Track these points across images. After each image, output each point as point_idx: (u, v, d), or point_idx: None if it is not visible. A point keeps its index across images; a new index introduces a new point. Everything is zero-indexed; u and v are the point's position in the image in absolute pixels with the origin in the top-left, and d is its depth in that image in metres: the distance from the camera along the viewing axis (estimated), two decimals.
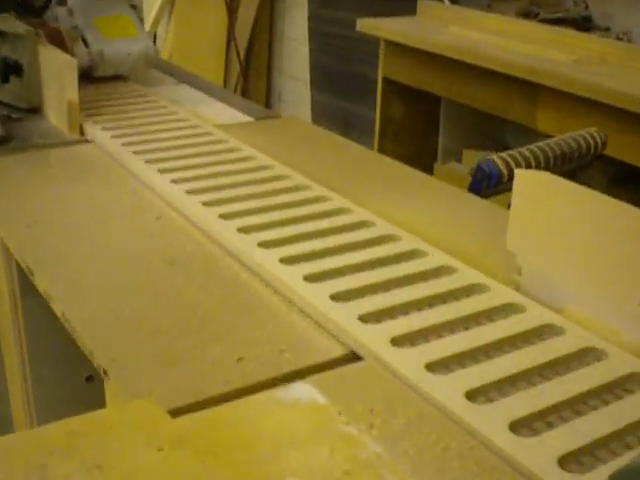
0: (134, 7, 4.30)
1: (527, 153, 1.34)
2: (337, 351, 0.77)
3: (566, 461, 0.63)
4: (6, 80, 1.49)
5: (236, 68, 3.97)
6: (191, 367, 0.74)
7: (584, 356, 0.76)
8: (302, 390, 0.68)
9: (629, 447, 0.65)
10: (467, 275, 0.88)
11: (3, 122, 1.40)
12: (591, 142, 1.48)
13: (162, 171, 1.16)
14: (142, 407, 0.66)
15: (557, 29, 2.41)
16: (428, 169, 2.82)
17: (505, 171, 1.30)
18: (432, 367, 0.72)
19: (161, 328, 0.80)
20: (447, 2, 2.87)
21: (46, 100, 1.47)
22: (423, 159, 2.85)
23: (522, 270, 0.87)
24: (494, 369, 0.72)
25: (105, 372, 0.74)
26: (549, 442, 0.64)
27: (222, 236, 0.98)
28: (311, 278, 0.87)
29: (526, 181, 0.86)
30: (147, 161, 1.20)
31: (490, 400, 0.69)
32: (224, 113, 1.54)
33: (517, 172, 0.86)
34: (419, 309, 0.83)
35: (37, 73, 1.47)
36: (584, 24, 2.71)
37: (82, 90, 1.52)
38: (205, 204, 1.05)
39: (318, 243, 0.95)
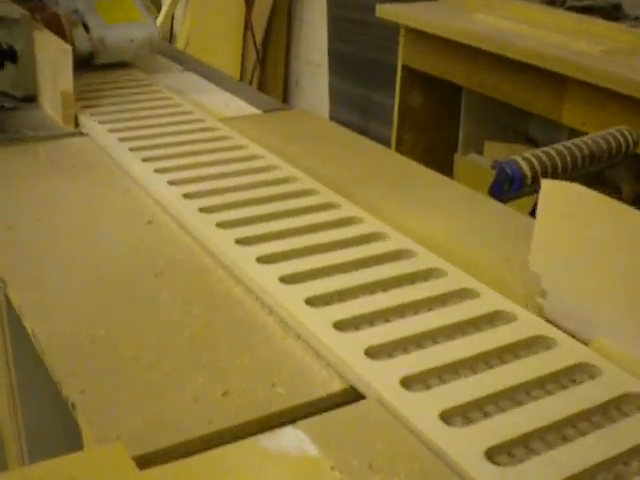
0: None
1: (553, 153, 1.24)
2: (336, 386, 0.68)
3: (495, 452, 0.59)
4: (0, 66, 1.41)
5: (253, 52, 3.88)
6: (169, 401, 0.66)
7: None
8: (292, 438, 0.59)
9: (566, 439, 0.62)
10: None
11: None
12: (622, 141, 1.38)
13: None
14: (107, 455, 0.57)
15: (585, 18, 2.29)
16: (447, 160, 2.73)
17: (529, 173, 1.20)
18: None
19: (139, 352, 0.72)
20: None
21: (41, 89, 1.39)
22: (442, 149, 2.76)
23: (547, 293, 0.77)
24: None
25: (73, 406, 0.66)
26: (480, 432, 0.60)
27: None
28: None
29: (553, 193, 0.76)
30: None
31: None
32: (231, 104, 1.44)
33: (544, 182, 0.76)
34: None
35: (32, 60, 1.38)
36: (613, 13, 2.59)
37: (81, 78, 1.45)
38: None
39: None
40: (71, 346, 0.73)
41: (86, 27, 1.54)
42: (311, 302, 0.77)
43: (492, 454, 0.59)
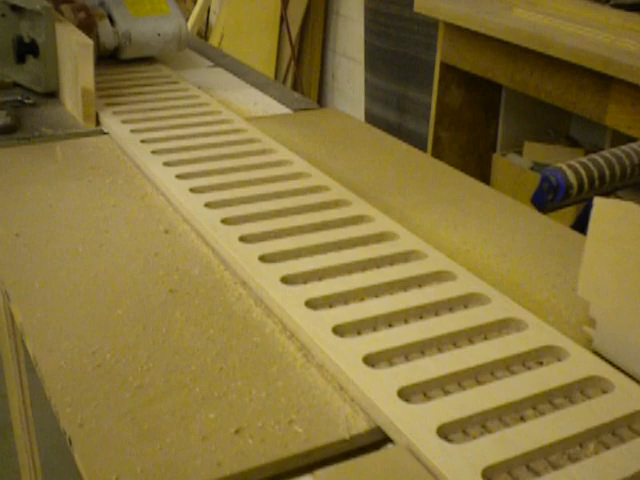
0: None
1: (601, 161, 1.16)
2: (361, 426, 0.61)
3: (449, 430, 0.59)
4: (22, 60, 1.35)
5: (289, 45, 3.81)
6: (175, 440, 0.59)
7: None
8: None
9: (523, 420, 0.61)
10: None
11: (13, 108, 1.27)
12: None
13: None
14: None
15: (634, 16, 2.20)
16: (485, 159, 2.66)
17: (575, 183, 1.12)
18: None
19: (146, 380, 0.66)
20: None
21: (62, 84, 1.33)
22: (480, 149, 2.69)
23: (596, 323, 0.70)
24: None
25: (70, 442, 0.60)
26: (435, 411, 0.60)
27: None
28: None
29: (606, 212, 0.69)
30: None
31: None
32: (260, 103, 1.38)
33: (596, 201, 0.69)
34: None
35: (54, 54, 1.33)
36: None
37: (104, 73, 1.39)
38: (224, 221, 0.89)
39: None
40: (73, 371, 0.67)
41: (112, 20, 1.48)
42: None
43: None
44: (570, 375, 0.65)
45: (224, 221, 0.89)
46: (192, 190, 0.97)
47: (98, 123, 1.23)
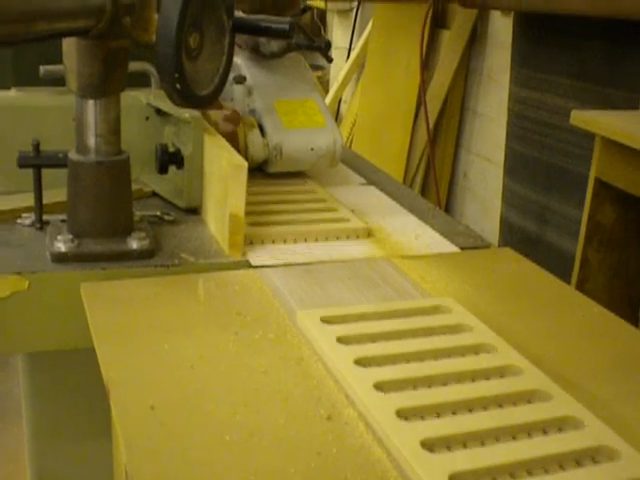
0: (320, 68, 4.13)
1: None
2: None
3: None
4: (165, 171, 1.23)
5: (423, 138, 3.68)
6: None
7: None
8: None
9: None
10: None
11: (151, 226, 1.14)
12: None
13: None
14: None
15: None
16: (636, 284, 2.45)
17: None
18: None
19: None
20: None
21: (206, 202, 1.20)
22: (630, 273, 2.48)
23: None
24: None
25: None
26: None
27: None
28: None
29: None
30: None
31: None
32: (421, 236, 1.22)
33: None
34: None
35: (200, 168, 1.20)
36: None
37: (250, 187, 1.26)
38: (400, 414, 0.73)
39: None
40: None
41: (262, 130, 1.36)
42: None
43: None
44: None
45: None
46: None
47: (244, 253, 1.10)
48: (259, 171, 1.38)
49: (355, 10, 4.28)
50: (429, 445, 0.69)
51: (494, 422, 0.73)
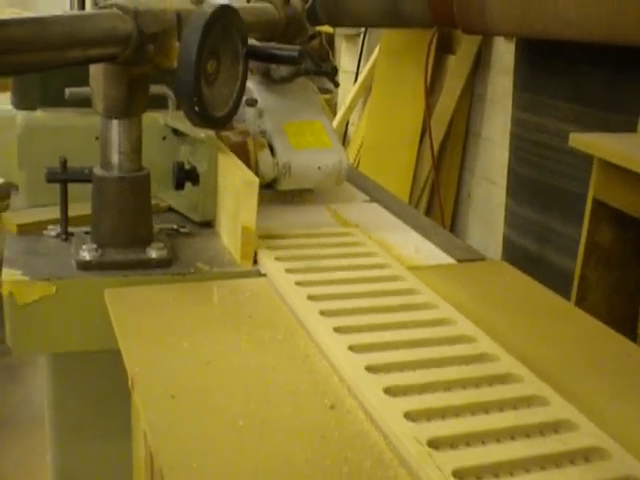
0: (328, 91, 4.21)
1: None
2: None
3: None
4: (181, 187, 1.32)
5: (428, 161, 3.77)
6: None
7: None
8: None
9: None
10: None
11: (168, 237, 1.23)
12: None
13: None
14: None
15: None
16: (634, 301, 2.52)
17: None
18: None
19: None
20: None
21: (219, 215, 1.29)
22: (628, 290, 2.55)
23: None
24: None
25: None
26: None
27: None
28: None
29: None
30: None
31: None
32: (422, 250, 1.30)
33: None
34: None
35: (214, 185, 1.29)
36: None
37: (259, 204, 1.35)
38: (387, 391, 0.81)
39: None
40: None
41: (272, 150, 1.45)
42: None
43: None
44: None
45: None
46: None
47: (255, 262, 1.18)
48: (267, 188, 1.46)
49: (362, 35, 4.38)
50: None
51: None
